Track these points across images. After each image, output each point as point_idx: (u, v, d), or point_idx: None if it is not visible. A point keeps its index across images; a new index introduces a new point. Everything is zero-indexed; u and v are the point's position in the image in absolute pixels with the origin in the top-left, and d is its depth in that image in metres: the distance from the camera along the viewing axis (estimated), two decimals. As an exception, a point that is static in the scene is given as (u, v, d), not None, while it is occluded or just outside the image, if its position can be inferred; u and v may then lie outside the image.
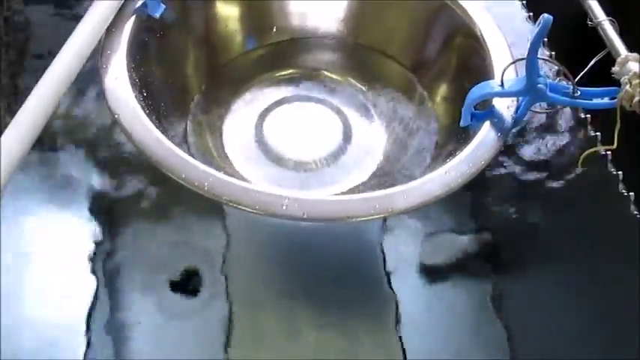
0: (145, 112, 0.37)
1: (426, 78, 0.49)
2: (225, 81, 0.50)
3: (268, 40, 0.51)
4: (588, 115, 0.47)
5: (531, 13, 0.53)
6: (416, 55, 0.50)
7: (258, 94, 0.50)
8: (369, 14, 0.51)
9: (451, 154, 0.39)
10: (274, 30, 0.51)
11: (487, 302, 0.45)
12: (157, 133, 0.36)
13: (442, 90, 0.48)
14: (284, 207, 0.34)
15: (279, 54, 0.52)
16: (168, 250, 0.44)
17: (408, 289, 0.45)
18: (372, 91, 0.50)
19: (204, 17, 0.48)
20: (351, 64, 0.52)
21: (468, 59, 0.45)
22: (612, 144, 0.37)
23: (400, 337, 0.42)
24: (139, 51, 0.41)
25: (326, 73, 0.51)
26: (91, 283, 0.41)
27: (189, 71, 0.48)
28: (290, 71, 0.51)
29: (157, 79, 0.43)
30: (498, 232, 0.47)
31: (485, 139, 0.39)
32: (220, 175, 0.35)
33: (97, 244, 0.43)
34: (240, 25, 0.50)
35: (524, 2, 0.55)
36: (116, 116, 0.37)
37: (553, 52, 0.48)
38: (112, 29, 0.40)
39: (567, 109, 0.48)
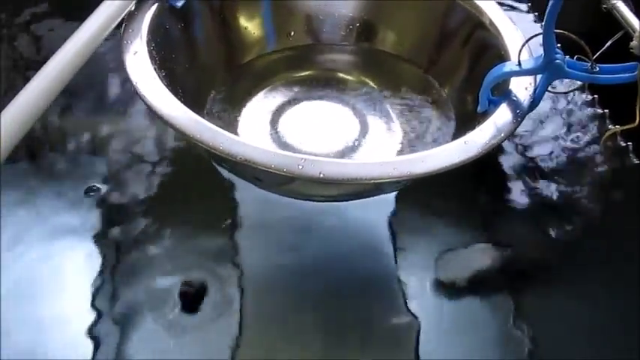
0: (162, 83, 0.38)
1: (441, 75, 0.49)
2: (243, 79, 0.50)
3: (286, 44, 0.53)
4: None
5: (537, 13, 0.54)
6: (430, 55, 0.50)
7: (275, 92, 0.50)
8: (384, 21, 0.52)
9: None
10: (292, 34, 0.53)
11: (509, 320, 0.43)
12: (173, 97, 0.36)
13: (458, 84, 0.48)
14: (300, 167, 0.33)
15: (297, 57, 0.53)
16: (174, 265, 0.43)
17: (424, 307, 0.43)
18: (387, 90, 0.50)
19: (225, 17, 0.50)
20: (367, 66, 0.52)
21: (482, 51, 0.46)
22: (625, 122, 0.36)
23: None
24: (159, 35, 0.42)
25: (342, 74, 0.52)
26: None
27: (207, 66, 0.48)
28: (307, 72, 0.52)
29: (176, 64, 0.44)
30: (516, 245, 0.46)
31: (505, 113, 0.38)
32: (236, 137, 0.35)
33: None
34: (260, 28, 0.52)
35: (529, 4, 0.57)
36: (135, 83, 0.37)
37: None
38: (134, 12, 0.41)
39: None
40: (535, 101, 0.40)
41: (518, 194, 0.48)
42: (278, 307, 0.41)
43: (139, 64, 0.38)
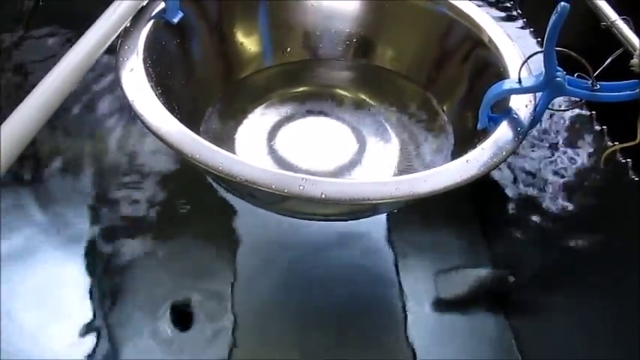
0: (159, 100, 0.37)
1: (439, 92, 0.49)
2: (240, 95, 0.50)
3: (283, 59, 0.52)
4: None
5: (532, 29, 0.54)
6: (429, 72, 0.50)
7: (271, 109, 0.50)
8: (382, 37, 0.52)
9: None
10: (289, 50, 0.52)
11: (505, 341, 0.43)
12: (170, 115, 0.36)
13: (457, 101, 0.48)
14: (301, 187, 0.33)
15: (294, 73, 0.52)
16: (172, 284, 0.43)
17: (423, 326, 0.43)
18: (385, 107, 0.50)
19: (222, 33, 0.49)
20: (365, 82, 0.52)
21: (481, 68, 0.45)
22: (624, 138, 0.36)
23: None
24: (156, 51, 0.41)
25: (339, 90, 0.52)
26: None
27: (203, 82, 0.48)
28: (304, 88, 0.52)
29: (172, 81, 0.43)
30: (515, 267, 0.45)
31: (506, 131, 0.38)
32: (235, 156, 0.34)
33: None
34: (257, 44, 0.51)
35: (525, 20, 0.57)
36: (131, 101, 0.36)
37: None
38: (130, 29, 0.41)
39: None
40: (536, 119, 0.40)
41: (515, 212, 0.48)
42: (275, 324, 0.41)
43: (136, 81, 0.38)
